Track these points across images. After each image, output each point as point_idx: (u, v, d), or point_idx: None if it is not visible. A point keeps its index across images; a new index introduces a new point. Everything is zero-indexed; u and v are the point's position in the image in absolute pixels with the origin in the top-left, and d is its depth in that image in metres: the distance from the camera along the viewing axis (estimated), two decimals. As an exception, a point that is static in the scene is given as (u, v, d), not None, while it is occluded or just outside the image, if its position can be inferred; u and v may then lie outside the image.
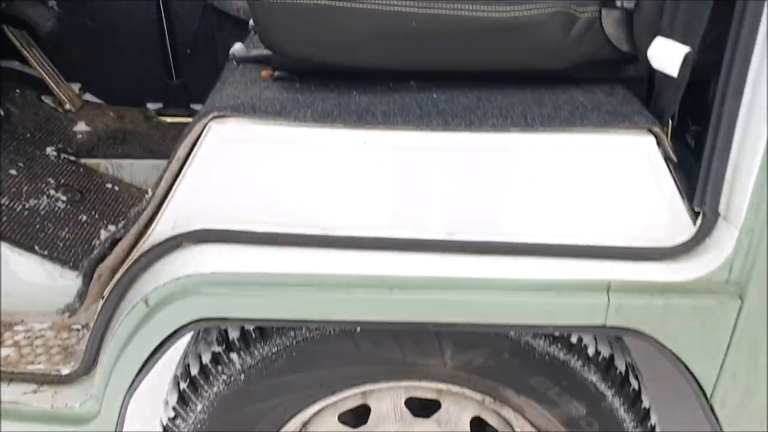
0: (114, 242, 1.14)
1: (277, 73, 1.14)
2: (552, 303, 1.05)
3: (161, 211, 1.10)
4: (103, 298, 1.21)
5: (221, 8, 1.80)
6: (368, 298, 1.06)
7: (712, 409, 1.17)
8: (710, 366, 1.10)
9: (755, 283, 1.02)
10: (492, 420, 1.37)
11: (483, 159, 1.03)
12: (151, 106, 1.93)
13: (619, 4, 1.04)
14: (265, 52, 1.17)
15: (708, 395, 1.14)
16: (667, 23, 1.00)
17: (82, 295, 1.20)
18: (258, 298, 1.07)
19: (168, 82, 1.89)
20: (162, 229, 1.10)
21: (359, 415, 1.38)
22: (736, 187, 0.99)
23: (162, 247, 1.10)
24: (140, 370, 1.16)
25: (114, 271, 1.18)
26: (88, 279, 1.18)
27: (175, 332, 1.11)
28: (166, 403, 1.34)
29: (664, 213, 1.04)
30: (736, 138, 0.97)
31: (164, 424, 1.33)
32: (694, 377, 1.12)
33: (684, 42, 0.98)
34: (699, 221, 1.03)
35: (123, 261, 1.16)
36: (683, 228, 1.05)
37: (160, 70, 1.87)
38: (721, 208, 1.02)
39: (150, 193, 1.09)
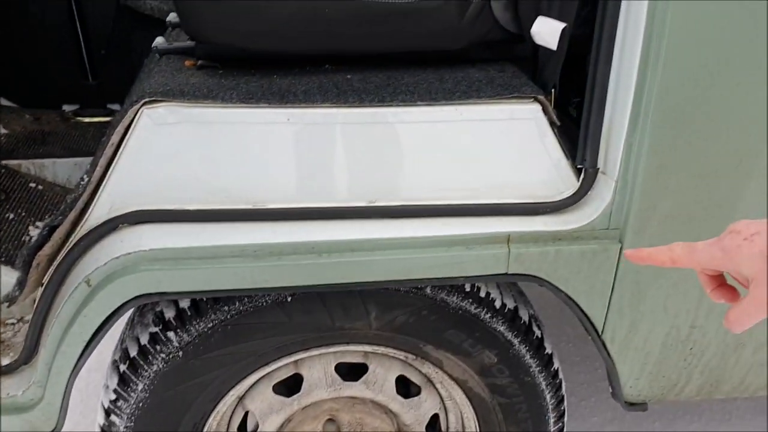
0: (51, 229, 1.19)
1: (200, 62, 1.22)
2: (462, 256, 1.19)
3: (97, 195, 1.16)
4: (42, 285, 1.26)
5: (135, 8, 1.85)
6: (299, 264, 1.16)
7: (603, 345, 1.34)
8: (599, 305, 1.27)
9: (631, 227, 1.20)
10: (415, 377, 1.50)
11: (395, 131, 1.16)
12: (68, 107, 1.95)
13: (505, -11, 1.19)
14: (188, 43, 1.25)
15: (599, 332, 1.31)
16: (546, 4, 1.16)
17: (21, 284, 1.23)
18: (196, 271, 1.15)
19: (84, 83, 1.92)
20: (99, 212, 1.16)
21: (292, 385, 1.47)
22: (610, 144, 1.16)
23: (100, 229, 1.16)
24: (84, 350, 1.21)
25: (52, 258, 1.23)
26: (27, 267, 1.22)
27: (118, 309, 1.17)
28: (107, 387, 1.39)
29: (552, 171, 1.20)
30: (608, 102, 1.14)
31: (106, 407, 1.37)
32: (586, 316, 1.29)
33: (560, 19, 1.14)
34: (582, 177, 1.20)
35: (61, 247, 1.21)
36: (569, 183, 1.21)
37: (76, 72, 1.90)
38: (600, 164, 1.18)
39: (85, 178, 1.15)
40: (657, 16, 1.04)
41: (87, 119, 1.90)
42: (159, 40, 1.32)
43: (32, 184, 1.58)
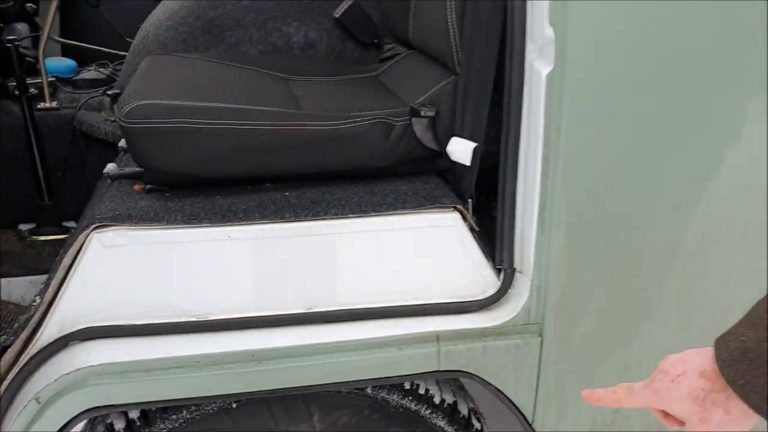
0: (2, 350, 1.24)
1: (148, 186, 1.33)
2: (395, 356, 1.27)
3: (49, 314, 1.23)
4: (-8, 404, 1.30)
5: (89, 132, 1.96)
6: (240, 372, 1.23)
7: (534, 432, 1.42)
8: (527, 395, 1.36)
9: (549, 321, 1.30)
10: (365, 475, 1.54)
11: (329, 242, 1.26)
12: (24, 226, 2.02)
13: (423, 113, 1.33)
14: (137, 168, 1.36)
15: (530, 422, 1.39)
16: (459, 126, 1.31)
17: (-29, 403, 1.27)
18: (142, 383, 1.21)
19: (40, 203, 2.00)
20: (50, 331, 1.23)
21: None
22: (524, 247, 1.28)
23: (51, 348, 1.22)
24: (32, 467, 1.24)
25: (2, 380, 1.27)
26: (-23, 387, 1.26)
27: (67, 424, 1.21)
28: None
29: (475, 273, 1.31)
30: (518, 209, 1.27)
31: None
32: (516, 407, 1.37)
33: (472, 139, 1.28)
34: (501, 277, 1.31)
35: (12, 366, 1.26)
36: (491, 283, 1.32)
37: (32, 193, 1.98)
38: (516, 264, 1.30)
39: (37, 300, 1.22)
40: (552, 135, 1.18)
41: (43, 237, 1.97)
42: (110, 166, 1.42)
43: (-13, 308, 1.63)
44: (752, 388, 0.64)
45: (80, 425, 1.37)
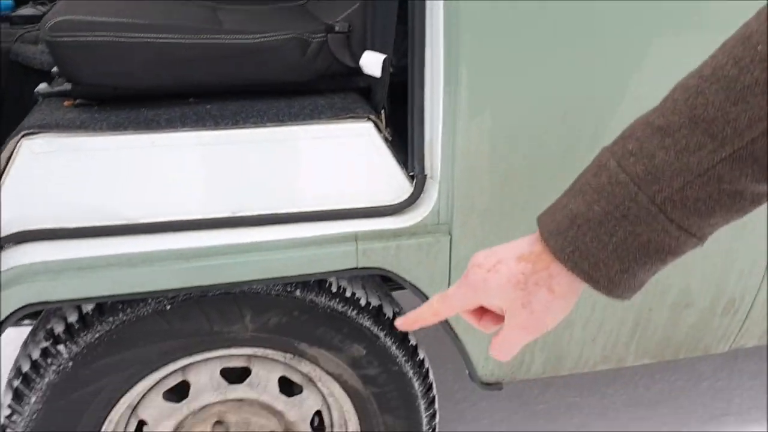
0: (-61, 253, 1.31)
1: (77, 101, 1.39)
2: (317, 254, 1.37)
3: (-17, 220, 1.30)
4: (-68, 307, 1.37)
5: (26, 63, 2.00)
6: (170, 269, 1.32)
7: (451, 328, 1.53)
8: (440, 290, 1.47)
9: (456, 222, 1.41)
10: (295, 377, 1.65)
11: (248, 149, 1.35)
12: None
13: (337, 29, 1.41)
14: (65, 86, 1.42)
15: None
16: (370, 40, 1.39)
17: None
18: (76, 280, 1.29)
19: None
20: (-15, 235, 1.30)
21: (181, 391, 1.60)
22: (432, 153, 1.38)
23: (-15, 250, 1.30)
24: (-26, 363, 1.33)
25: (-59, 280, 1.34)
26: None
27: (4, 321, 1.29)
28: (1, 405, 1.49)
29: (389, 180, 1.41)
30: (426, 116, 1.36)
31: (1, 423, 1.48)
32: (431, 302, 1.48)
33: (382, 51, 1.37)
34: (414, 182, 1.41)
35: (-50, 269, 1.33)
36: (405, 189, 1.42)
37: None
38: (427, 170, 1.40)
39: (-28, 206, 1.29)
40: (452, 49, 1.27)
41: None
42: (42, 86, 1.48)
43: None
44: (581, 254, 0.62)
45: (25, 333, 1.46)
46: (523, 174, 1.39)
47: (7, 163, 1.28)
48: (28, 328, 1.58)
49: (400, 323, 0.75)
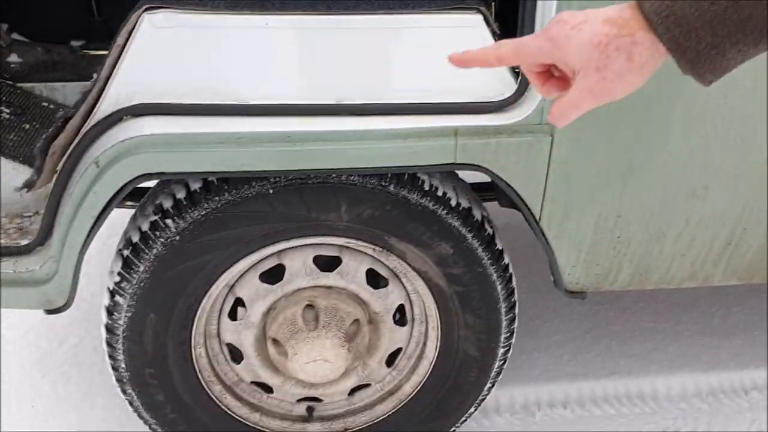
0: (65, 121, 1.39)
1: (194, -19, 1.42)
2: (416, 146, 1.39)
3: (105, 91, 1.36)
4: (56, 172, 1.47)
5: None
6: (276, 151, 1.37)
7: (542, 232, 1.55)
8: (535, 192, 1.48)
9: (560, 122, 1.40)
10: (382, 271, 1.70)
11: (357, 36, 1.36)
12: (75, 43, 2.15)
13: None
14: (183, -34, 1.45)
15: (537, 219, 1.52)
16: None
17: (39, 169, 1.44)
18: (188, 154, 1.35)
19: (90, 20, 2.11)
20: (106, 106, 1.37)
21: (275, 275, 1.68)
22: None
23: (107, 120, 1.36)
24: (93, 226, 1.42)
25: (65, 148, 1.43)
26: (43, 154, 1.42)
27: (122, 188, 1.37)
28: (112, 272, 1.60)
29: (493, 75, 1.40)
30: (537, 11, 1.33)
31: (111, 289, 1.58)
32: (525, 204, 1.49)
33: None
34: (519, 80, 1.40)
35: (73, 137, 1.42)
36: (509, 86, 1.41)
37: (83, 9, 2.09)
38: (533, 68, 1.39)
39: (95, 76, 1.35)
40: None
41: (93, 52, 2.10)
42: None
43: (45, 104, 1.79)
44: (675, 20, 0.60)
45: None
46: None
47: (128, 35, 1.33)
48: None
49: (457, 57, 0.75)
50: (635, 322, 2.42)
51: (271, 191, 1.48)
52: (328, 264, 1.67)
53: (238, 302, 1.69)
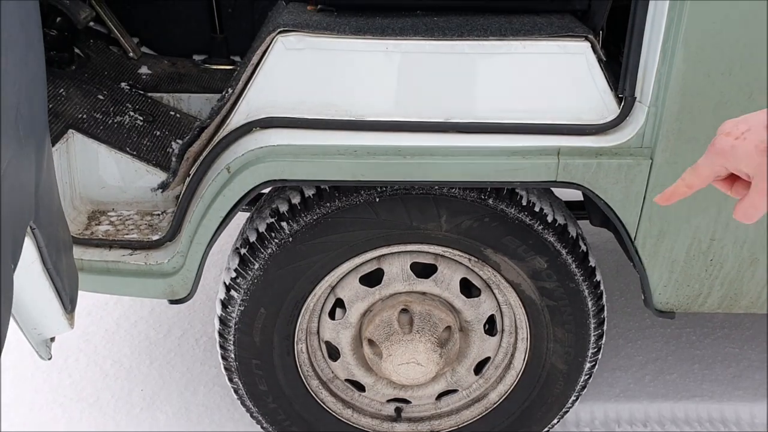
0: (201, 130, 1.55)
1: (319, 6, 1.56)
2: (520, 164, 1.48)
3: (237, 104, 1.51)
4: (189, 175, 1.62)
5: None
6: (388, 163, 1.48)
7: (636, 251, 1.60)
8: (632, 213, 1.54)
9: (660, 146, 1.46)
10: (476, 281, 1.79)
11: (470, 60, 1.46)
12: (197, 57, 2.34)
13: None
14: (311, -8, 1.59)
15: (632, 238, 1.58)
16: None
17: (174, 172, 1.59)
18: (310, 164, 1.48)
19: (212, 36, 2.30)
20: (238, 118, 1.51)
21: (374, 279, 1.79)
22: (645, 76, 1.43)
23: (239, 131, 1.51)
24: (220, 225, 1.56)
25: (198, 154, 1.59)
26: (179, 159, 1.58)
27: (248, 192, 1.51)
28: (228, 268, 1.74)
29: (598, 99, 1.48)
30: (645, 41, 1.41)
31: (227, 283, 1.72)
32: (621, 223, 1.56)
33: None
34: (622, 104, 1.47)
35: (206, 145, 1.57)
36: (611, 110, 1.48)
37: (205, 27, 2.28)
38: (637, 93, 1.45)
39: (230, 91, 1.50)
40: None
41: (214, 66, 2.28)
42: (290, -11, 1.66)
43: (172, 113, 1.96)
44: None
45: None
46: (735, 105, 1.41)
47: (263, 55, 1.47)
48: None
49: (659, 198, 0.83)
50: (720, 347, 2.42)
51: (377, 199, 1.59)
52: (424, 271, 1.77)
53: (339, 303, 1.81)
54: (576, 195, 2.05)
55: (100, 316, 2.52)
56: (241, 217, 1.81)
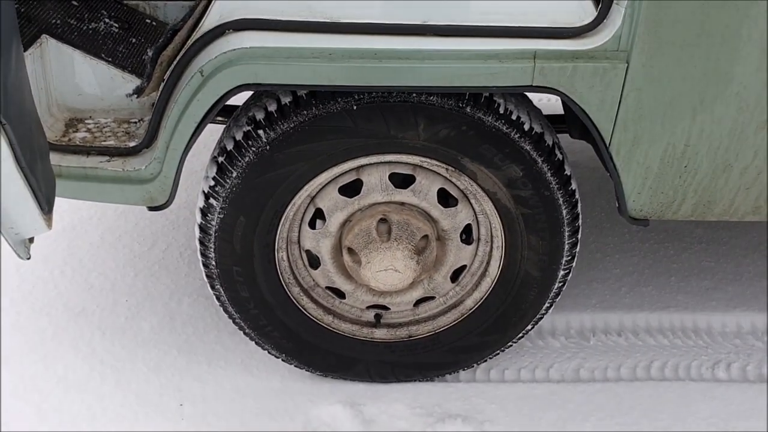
0: (174, 32, 1.52)
1: None
2: (496, 67, 1.47)
3: (210, 6, 1.48)
4: (164, 80, 1.61)
5: None
6: (364, 66, 1.47)
7: (610, 157, 1.61)
8: (607, 118, 1.54)
9: (636, 50, 1.45)
10: (453, 191, 1.81)
11: (446, -40, 1.43)
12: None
13: None
14: None
15: (607, 144, 1.59)
16: None
17: (149, 76, 1.58)
18: (284, 67, 1.47)
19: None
20: (211, 20, 1.49)
21: (353, 189, 1.80)
22: (623, -23, 1.41)
23: (211, 33, 1.49)
24: (195, 130, 1.56)
25: (172, 58, 1.57)
26: (153, 63, 1.56)
27: (222, 96, 1.50)
28: (206, 177, 1.74)
29: (575, 2, 1.46)
30: (623, -60, 1.38)
31: (206, 192, 1.73)
32: (596, 128, 1.56)
33: None
34: (599, 6, 1.45)
35: (180, 49, 1.55)
36: (588, 12, 1.47)
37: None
38: (614, -5, 1.44)
39: (202, -9, 1.47)
40: None
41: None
42: None
43: (148, 21, 1.93)
44: None
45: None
46: (713, 12, 1.39)
47: (234, -46, 1.44)
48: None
49: None
50: (696, 261, 2.47)
51: (354, 107, 1.58)
52: (402, 181, 1.78)
53: (318, 213, 1.83)
54: (557, 108, 2.06)
55: (85, 230, 2.54)
56: (219, 129, 1.81)
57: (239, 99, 1.62)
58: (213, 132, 1.89)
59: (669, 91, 1.50)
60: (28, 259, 1.40)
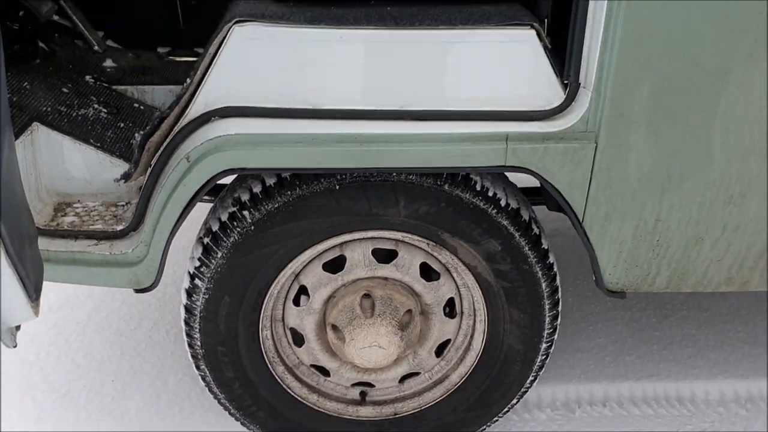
0: (161, 120, 1.58)
1: (276, -2, 1.60)
2: (470, 149, 1.53)
3: (196, 94, 1.55)
4: (151, 166, 1.66)
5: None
6: (345, 150, 1.53)
7: (585, 232, 1.66)
8: (579, 195, 1.60)
9: (604, 130, 1.52)
10: (435, 265, 1.84)
11: (422, 49, 1.51)
12: (162, 49, 2.36)
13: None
14: (266, -16, 1.63)
15: (580, 220, 1.64)
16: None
17: (136, 162, 1.63)
18: (269, 152, 1.52)
19: (176, 28, 2.33)
20: (197, 108, 1.55)
21: (337, 265, 1.84)
22: (589, 63, 1.49)
23: (198, 120, 1.55)
24: (181, 214, 1.60)
25: (159, 145, 1.62)
26: (141, 149, 1.62)
27: (208, 181, 1.55)
28: (192, 258, 1.78)
29: (544, 85, 1.53)
30: (587, 29, 1.47)
31: (191, 272, 1.76)
32: (569, 206, 1.62)
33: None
34: (567, 90, 1.53)
35: (167, 135, 1.61)
36: (557, 96, 1.54)
37: (170, 19, 2.31)
38: (581, 80, 1.52)
39: (189, 81, 1.54)
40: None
41: (178, 58, 2.31)
42: (244, -17, 1.70)
43: (136, 105, 1.99)
44: None
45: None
46: (676, 90, 1.47)
47: (219, 44, 1.51)
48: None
49: None
50: (678, 328, 2.50)
51: (337, 187, 1.64)
52: (385, 257, 1.82)
53: (302, 290, 1.85)
54: (535, 181, 2.13)
55: (71, 309, 2.54)
56: (206, 208, 1.85)
57: (227, 177, 1.67)
58: (202, 210, 1.94)
59: (637, 169, 1.57)
60: (15, 347, 1.41)
